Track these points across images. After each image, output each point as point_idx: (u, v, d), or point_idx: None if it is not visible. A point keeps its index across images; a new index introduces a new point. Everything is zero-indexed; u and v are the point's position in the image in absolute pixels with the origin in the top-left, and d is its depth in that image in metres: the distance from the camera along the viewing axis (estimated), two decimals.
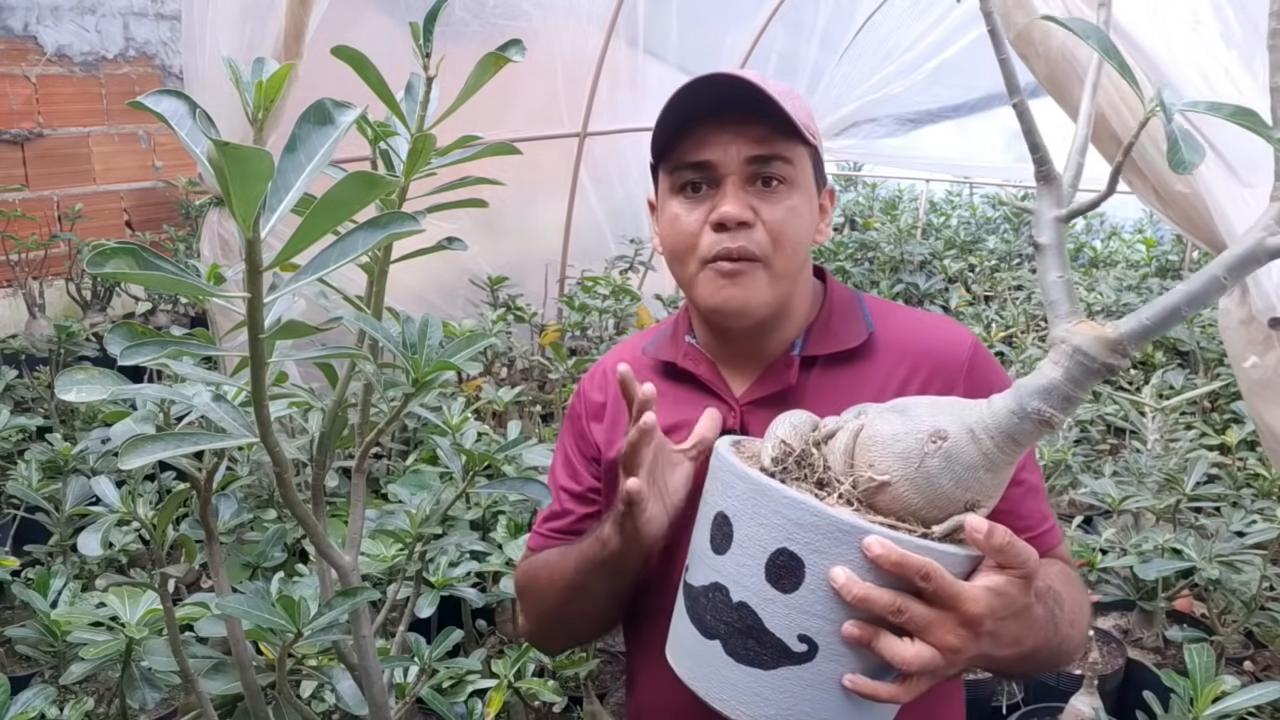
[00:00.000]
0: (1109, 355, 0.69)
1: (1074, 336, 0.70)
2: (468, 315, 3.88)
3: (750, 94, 0.97)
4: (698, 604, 0.80)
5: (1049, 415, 0.71)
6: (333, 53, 0.89)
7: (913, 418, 0.76)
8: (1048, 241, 0.73)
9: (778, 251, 1.01)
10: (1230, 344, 1.70)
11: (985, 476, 0.74)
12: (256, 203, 0.57)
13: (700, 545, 0.82)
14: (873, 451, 0.76)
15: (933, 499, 0.74)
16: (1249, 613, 2.08)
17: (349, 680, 1.18)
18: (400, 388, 0.94)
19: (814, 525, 0.72)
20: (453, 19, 3.53)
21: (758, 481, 0.75)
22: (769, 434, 0.82)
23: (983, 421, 0.74)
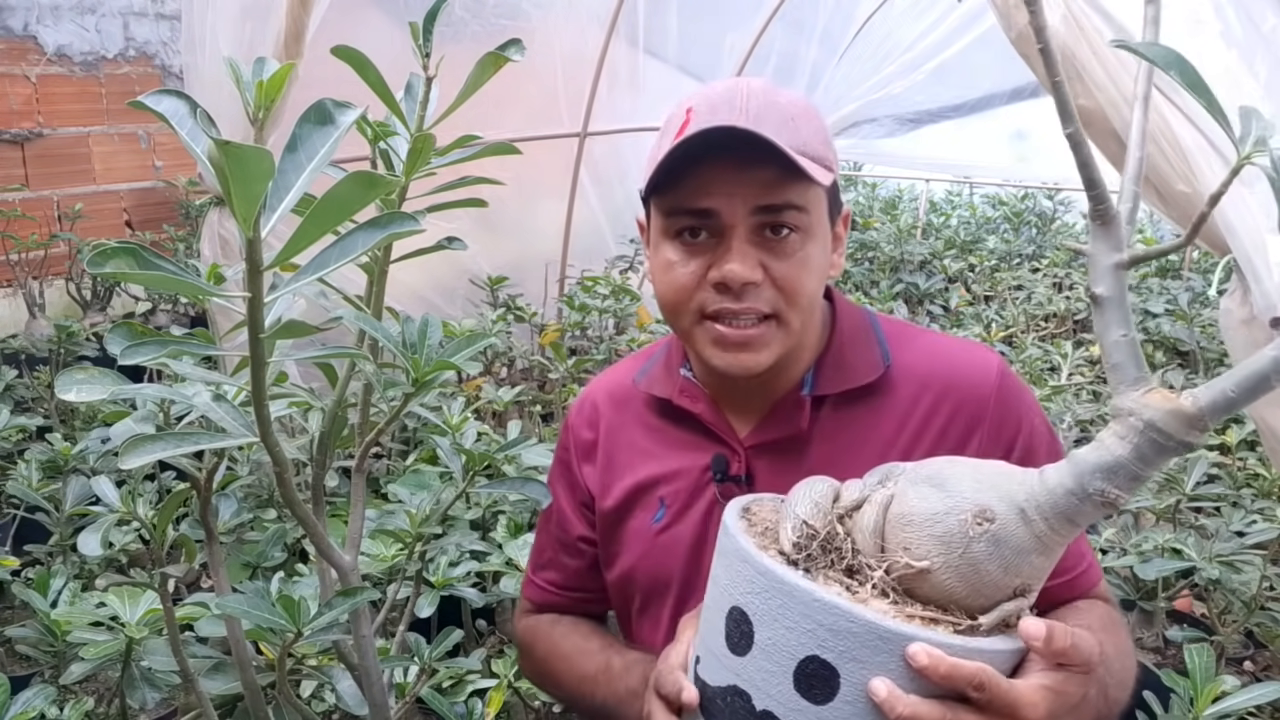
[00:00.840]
0: (1187, 433, 0.60)
1: (1146, 410, 0.61)
2: (468, 315, 3.88)
3: (757, 141, 0.85)
4: (714, 705, 0.72)
5: (1114, 497, 0.63)
6: (333, 53, 0.89)
7: (953, 493, 0.67)
8: (1108, 293, 0.63)
9: (791, 307, 0.91)
10: (1231, 344, 1.70)
11: (1037, 560, 0.66)
12: (257, 202, 0.56)
13: (714, 640, 0.72)
14: (908, 532, 0.67)
15: (978, 586, 0.65)
16: (1249, 613, 2.08)
17: (349, 680, 1.18)
18: (400, 388, 0.94)
19: (849, 632, 0.63)
20: (453, 19, 3.53)
21: (782, 580, 0.66)
22: (787, 510, 0.72)
23: (1034, 500, 0.65)
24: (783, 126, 0.86)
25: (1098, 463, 0.63)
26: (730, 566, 0.71)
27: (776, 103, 0.89)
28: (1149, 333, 4.34)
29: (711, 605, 0.74)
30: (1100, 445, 0.63)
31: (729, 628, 0.70)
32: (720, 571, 0.73)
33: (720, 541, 0.74)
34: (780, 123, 0.87)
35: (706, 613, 0.76)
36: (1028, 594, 0.67)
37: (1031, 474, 0.66)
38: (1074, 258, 5.37)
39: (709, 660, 0.73)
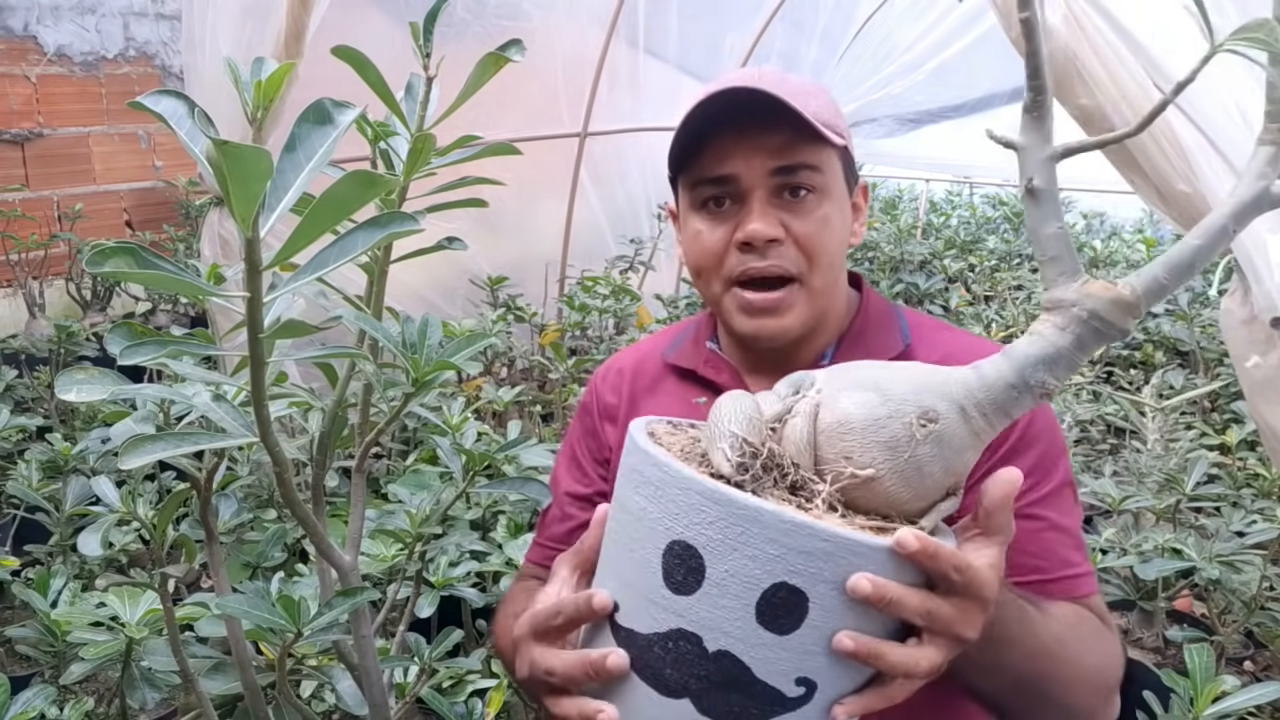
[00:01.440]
0: (1125, 319, 0.62)
1: (1089, 300, 0.62)
2: (468, 315, 3.88)
3: (769, 103, 0.90)
4: (649, 655, 0.64)
5: (1053, 387, 0.63)
6: (333, 52, 0.89)
7: (893, 396, 0.64)
8: (1044, 186, 0.64)
9: (814, 267, 0.95)
10: (1232, 343, 1.70)
11: (970, 457, 0.66)
12: (256, 202, 0.56)
13: (643, 582, 0.64)
14: (848, 440, 0.63)
15: (920, 490, 0.64)
16: (1249, 613, 2.08)
17: (349, 680, 1.18)
18: (400, 388, 0.94)
19: (822, 552, 0.59)
20: (454, 19, 3.53)
21: (744, 505, 0.59)
22: (719, 429, 0.66)
23: (973, 396, 0.64)
24: (794, 96, 0.90)
25: (1040, 354, 0.63)
26: (665, 497, 0.63)
27: (786, 79, 0.94)
28: (1149, 333, 4.34)
29: (632, 544, 0.65)
30: (1039, 337, 0.64)
31: (668, 565, 0.62)
32: (647, 504, 0.64)
33: (641, 472, 0.65)
34: (791, 94, 0.91)
35: (622, 555, 0.67)
36: (957, 492, 0.67)
37: (965, 371, 0.66)
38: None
39: (636, 606, 0.65)
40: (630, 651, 0.65)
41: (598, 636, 0.69)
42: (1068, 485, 0.97)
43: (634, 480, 0.66)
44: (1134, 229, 6.85)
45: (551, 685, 0.70)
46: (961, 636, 0.64)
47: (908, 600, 0.60)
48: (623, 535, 0.67)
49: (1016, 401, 0.64)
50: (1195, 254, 0.61)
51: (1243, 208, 0.61)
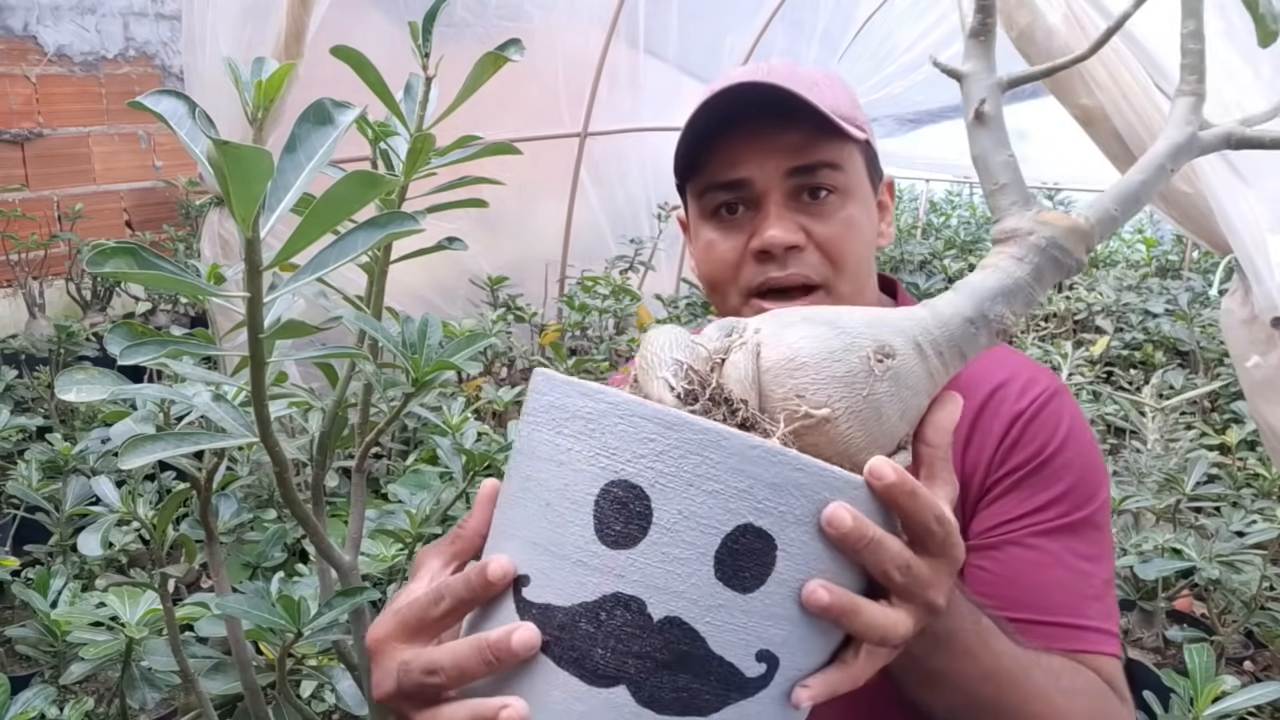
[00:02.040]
0: (1081, 249, 0.60)
1: (1044, 227, 0.60)
2: (468, 315, 3.88)
3: (781, 98, 0.82)
4: (575, 633, 0.50)
5: (1010, 322, 0.60)
6: (332, 53, 0.89)
7: (847, 329, 0.58)
8: (993, 111, 0.61)
9: (840, 274, 0.86)
10: (1232, 343, 1.70)
11: (923, 402, 0.60)
12: (256, 202, 0.56)
13: (567, 540, 0.51)
14: (800, 377, 0.56)
15: (875, 436, 0.57)
16: (1249, 613, 2.08)
17: (349, 680, 1.18)
18: (400, 388, 0.94)
19: (795, 485, 0.50)
20: (454, 19, 3.54)
21: (705, 428, 0.49)
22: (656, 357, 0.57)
23: (929, 333, 0.59)
24: (808, 90, 0.83)
25: (997, 286, 0.60)
26: (600, 430, 0.51)
27: (798, 71, 0.87)
28: (1149, 333, 4.34)
29: (553, 495, 0.52)
30: (996, 269, 0.61)
31: (603, 514, 0.50)
32: (572, 443, 0.52)
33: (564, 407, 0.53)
34: (805, 86, 0.84)
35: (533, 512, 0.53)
36: (907, 447, 0.60)
37: (918, 309, 0.61)
38: None
39: (554, 572, 0.52)
40: (546, 632, 0.51)
41: (494, 619, 0.54)
42: (1094, 526, 0.85)
43: (553, 419, 0.54)
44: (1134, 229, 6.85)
45: (431, 689, 0.53)
46: (933, 604, 0.55)
47: (889, 544, 0.51)
48: (533, 492, 0.54)
49: (973, 338, 0.60)
50: (1140, 188, 0.62)
51: (1175, 149, 0.62)
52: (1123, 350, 4.26)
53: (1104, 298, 4.55)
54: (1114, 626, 0.83)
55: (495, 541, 0.58)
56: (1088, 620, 0.81)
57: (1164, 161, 0.62)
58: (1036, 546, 0.82)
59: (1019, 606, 0.80)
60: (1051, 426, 0.87)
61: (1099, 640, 0.81)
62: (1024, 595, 0.80)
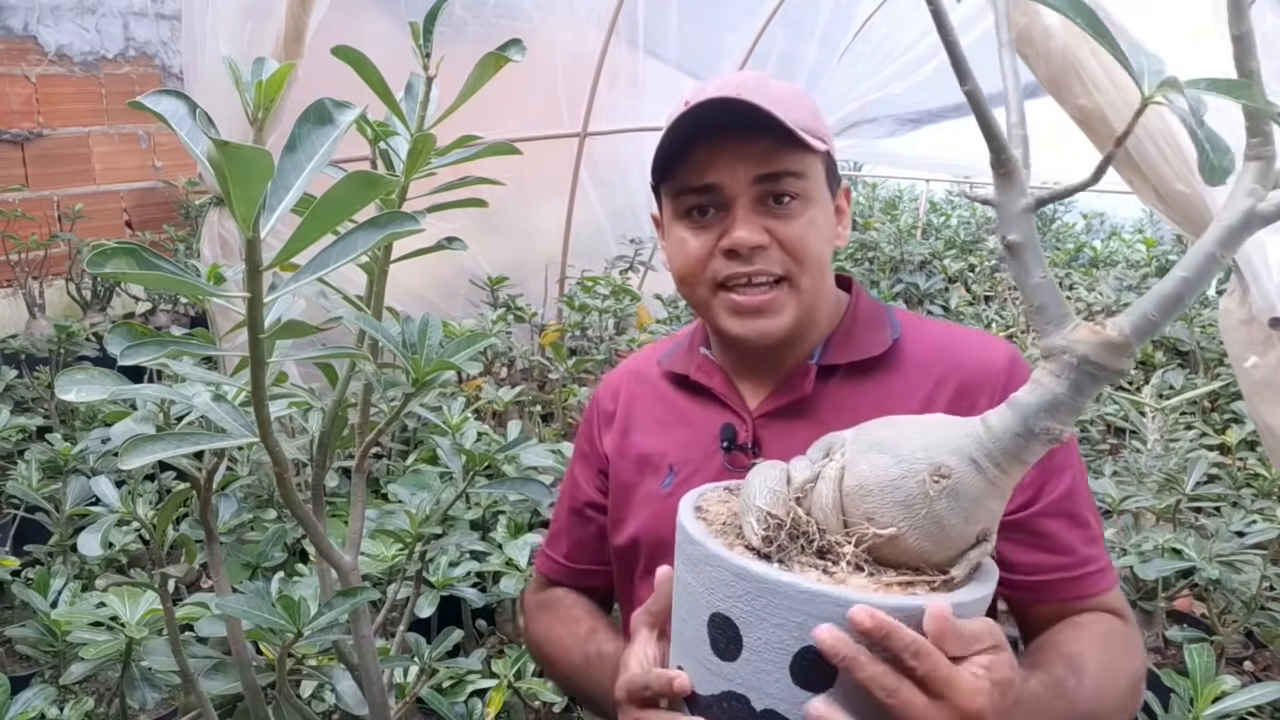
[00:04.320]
0: (1117, 360, 0.63)
1: (1077, 345, 0.63)
2: (468, 315, 3.88)
3: (750, 112, 0.91)
4: (711, 714, 0.71)
5: (1059, 433, 0.65)
6: (333, 53, 0.89)
7: (904, 456, 0.68)
8: (1021, 239, 0.65)
9: (802, 268, 0.96)
10: (1231, 344, 1.70)
11: (993, 505, 0.68)
12: (256, 202, 0.57)
13: (697, 650, 0.71)
14: (869, 503, 0.68)
15: (944, 541, 0.67)
16: (1249, 613, 2.08)
17: (349, 680, 1.18)
18: (400, 388, 0.94)
19: (842, 617, 0.63)
20: (452, 19, 3.54)
21: (763, 578, 0.65)
22: (746, 503, 0.71)
23: (984, 448, 0.67)
24: (775, 105, 0.91)
25: (1040, 403, 0.65)
26: (702, 573, 0.69)
27: (767, 86, 0.95)
28: None
29: (686, 614, 0.72)
30: (1038, 385, 0.66)
31: (713, 635, 0.69)
32: (690, 578, 0.71)
33: (684, 549, 0.72)
34: (772, 102, 0.92)
35: (680, 623, 0.74)
36: (988, 539, 0.69)
37: (974, 423, 0.68)
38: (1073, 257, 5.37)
39: (695, 671, 0.72)
40: (695, 710, 0.71)
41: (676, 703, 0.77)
42: (1079, 478, 0.98)
43: (681, 555, 0.73)
44: (1134, 229, 6.86)
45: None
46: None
47: (865, 667, 0.63)
48: (680, 606, 0.74)
49: (1026, 448, 0.66)
50: (1184, 286, 0.62)
51: (1229, 233, 0.60)
52: None
53: (1104, 298, 4.55)
54: (1107, 556, 0.99)
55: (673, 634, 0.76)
56: (1098, 563, 0.96)
57: (1214, 251, 0.61)
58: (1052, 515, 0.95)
59: (1051, 569, 0.95)
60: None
61: (1108, 576, 0.97)
62: (1053, 558, 0.95)
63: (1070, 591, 0.95)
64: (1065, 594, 0.95)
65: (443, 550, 1.70)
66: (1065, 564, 0.95)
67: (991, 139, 0.63)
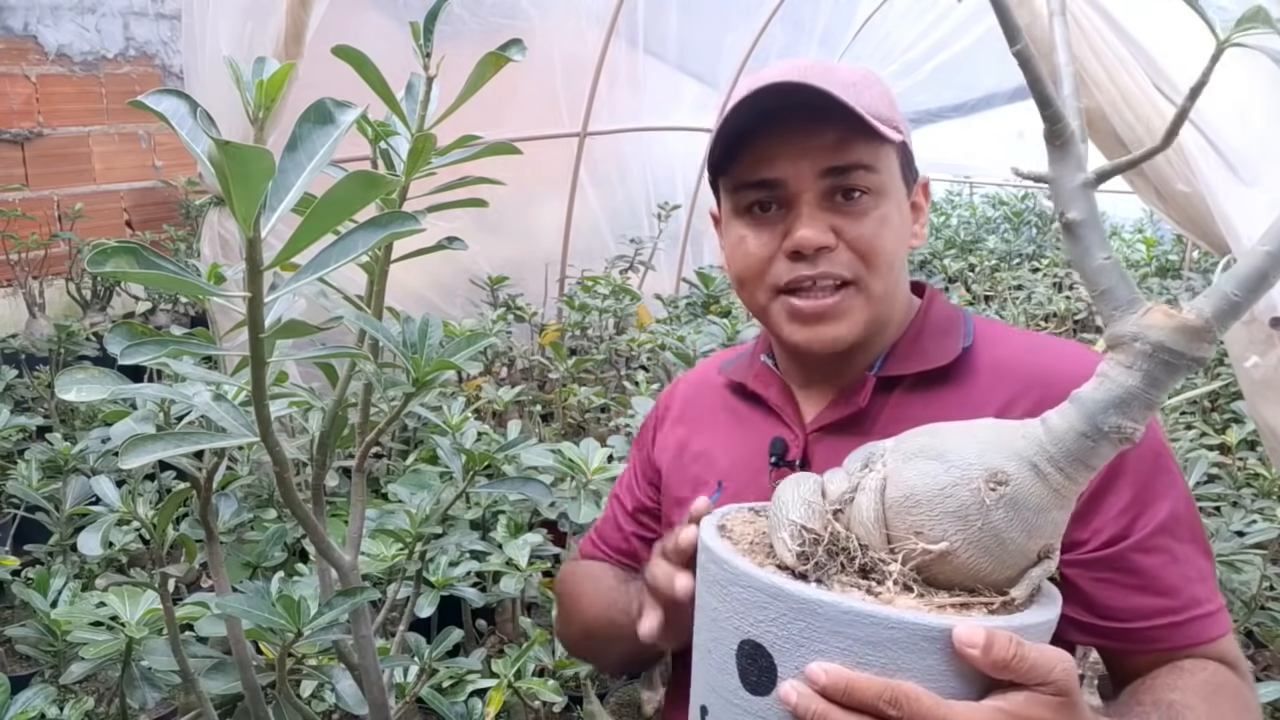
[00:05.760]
0: (1197, 347, 0.56)
1: (1151, 332, 0.56)
2: (468, 315, 3.88)
3: (817, 97, 0.82)
4: None
5: (1130, 431, 0.58)
6: (333, 52, 0.89)
7: (956, 462, 0.60)
8: (1082, 217, 0.58)
9: (872, 271, 0.87)
10: (1231, 344, 1.70)
11: (1057, 515, 0.60)
12: (257, 202, 0.56)
13: (723, 684, 0.63)
14: (916, 515, 0.60)
15: (1002, 557, 0.59)
16: (1249, 613, 2.08)
17: (349, 680, 1.18)
18: (400, 387, 0.94)
19: (890, 641, 0.56)
20: (450, 18, 3.53)
21: (802, 598, 0.57)
22: (778, 517, 0.64)
23: (1044, 451, 0.59)
24: (845, 90, 0.83)
25: (1108, 398, 0.58)
26: (730, 595, 0.62)
27: (834, 70, 0.87)
28: None
29: (711, 644, 0.64)
30: (1106, 380, 0.58)
31: (743, 666, 0.61)
32: (716, 604, 0.63)
33: (707, 570, 0.65)
34: (841, 86, 0.84)
35: (703, 655, 0.66)
36: (1051, 555, 0.61)
37: (1033, 424, 0.61)
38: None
39: (721, 709, 0.64)
40: None
41: None
42: (1183, 505, 0.86)
43: (704, 579, 0.66)
44: (1134, 228, 6.86)
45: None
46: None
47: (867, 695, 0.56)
48: (703, 636, 0.66)
49: (1094, 451, 0.59)
50: (1268, 262, 0.55)
51: None
52: None
53: None
54: (1220, 598, 0.85)
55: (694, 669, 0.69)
56: (1209, 606, 0.84)
57: None
58: (1154, 548, 0.83)
59: (1153, 614, 0.83)
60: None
61: (1220, 621, 0.83)
62: (1154, 601, 0.83)
63: (1174, 639, 0.82)
64: (1168, 642, 0.82)
65: (443, 550, 1.70)
66: (1168, 607, 0.82)
67: (1045, 106, 0.57)
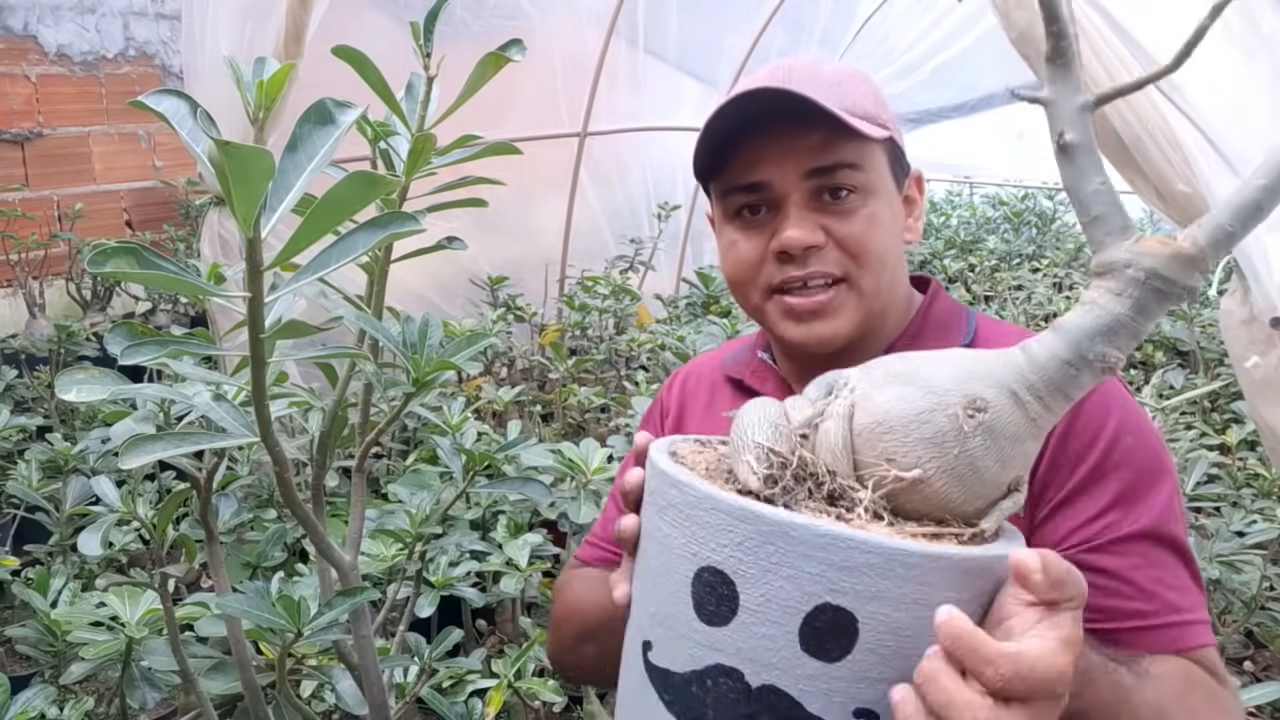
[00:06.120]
0: (1189, 275, 0.55)
1: (1144, 258, 0.55)
2: (468, 315, 3.88)
3: (798, 103, 0.83)
4: (688, 697, 0.58)
5: (1115, 360, 0.56)
6: (333, 52, 0.89)
7: (934, 388, 0.58)
8: (1078, 139, 0.57)
9: (862, 267, 0.87)
10: (1231, 344, 1.70)
11: (1030, 447, 0.59)
12: (257, 202, 0.56)
13: (674, 615, 0.59)
14: (889, 441, 0.58)
15: (975, 487, 0.58)
16: (1249, 613, 2.08)
17: (349, 680, 1.18)
18: (401, 387, 0.94)
19: (868, 566, 0.53)
20: (452, 19, 3.53)
21: (773, 520, 0.54)
22: (742, 439, 0.60)
23: (1025, 379, 0.58)
24: (828, 90, 0.85)
25: (1095, 325, 0.57)
26: (690, 520, 0.57)
27: (820, 71, 0.88)
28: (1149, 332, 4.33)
29: (662, 574, 0.60)
30: (1093, 306, 0.57)
31: (699, 595, 0.57)
32: (670, 530, 0.59)
33: (663, 496, 0.60)
34: (825, 87, 0.85)
35: (649, 587, 0.62)
36: (1020, 488, 0.60)
37: (1013, 353, 0.60)
38: (1074, 257, 5.37)
39: (669, 643, 0.59)
40: (668, 695, 0.59)
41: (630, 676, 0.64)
42: (1169, 513, 0.83)
43: (656, 505, 0.61)
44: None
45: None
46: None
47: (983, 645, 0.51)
48: (651, 565, 0.62)
49: (1075, 380, 0.58)
50: (1262, 195, 0.54)
51: None
52: None
53: None
54: (1206, 612, 0.82)
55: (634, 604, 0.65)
56: (1189, 614, 0.80)
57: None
58: (1126, 550, 0.80)
59: (1123, 616, 0.79)
60: (1101, 413, 0.85)
61: (1199, 632, 0.80)
62: (1126, 603, 0.79)
63: (1145, 644, 0.78)
64: (1138, 647, 0.77)
65: (443, 550, 1.70)
66: (1140, 610, 0.79)
67: (1053, 21, 0.55)
